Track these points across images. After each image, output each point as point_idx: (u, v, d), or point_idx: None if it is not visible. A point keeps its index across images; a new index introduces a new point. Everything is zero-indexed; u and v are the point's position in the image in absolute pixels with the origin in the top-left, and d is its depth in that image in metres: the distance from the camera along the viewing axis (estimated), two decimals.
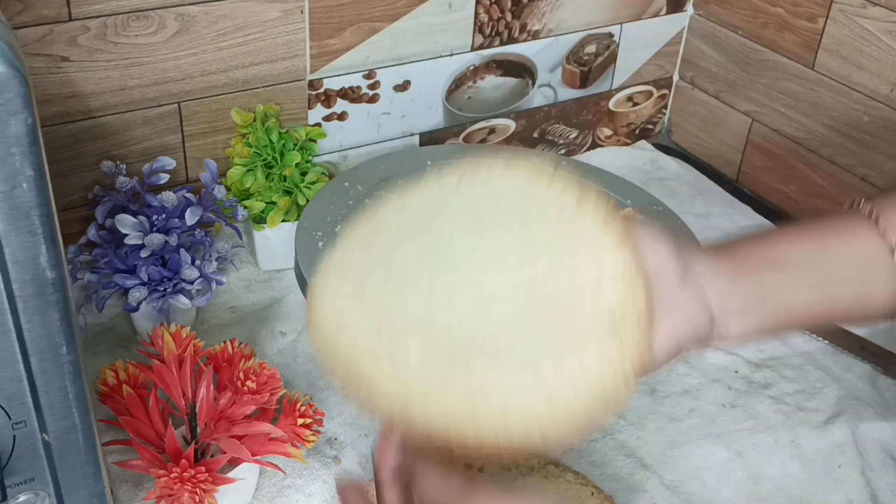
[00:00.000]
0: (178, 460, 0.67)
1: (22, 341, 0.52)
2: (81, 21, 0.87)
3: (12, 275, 0.50)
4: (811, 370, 0.91)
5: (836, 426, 0.84)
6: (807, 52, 1.10)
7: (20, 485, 0.58)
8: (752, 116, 1.20)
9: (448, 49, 1.09)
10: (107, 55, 0.90)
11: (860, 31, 1.04)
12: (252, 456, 0.68)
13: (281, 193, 0.94)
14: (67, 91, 0.90)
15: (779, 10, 1.12)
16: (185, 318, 0.88)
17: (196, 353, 0.74)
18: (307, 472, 0.76)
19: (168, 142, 0.98)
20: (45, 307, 0.52)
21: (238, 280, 0.98)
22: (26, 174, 0.48)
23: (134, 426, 0.71)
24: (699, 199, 1.19)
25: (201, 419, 0.70)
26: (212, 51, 0.95)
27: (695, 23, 1.24)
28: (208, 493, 0.66)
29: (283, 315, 0.93)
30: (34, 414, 0.56)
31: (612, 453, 0.80)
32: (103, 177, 0.90)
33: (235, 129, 0.98)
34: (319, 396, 0.84)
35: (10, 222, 0.48)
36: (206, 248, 0.88)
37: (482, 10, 1.08)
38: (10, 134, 0.46)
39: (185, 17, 0.92)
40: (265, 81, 1.00)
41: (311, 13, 0.98)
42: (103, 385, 0.74)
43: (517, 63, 1.15)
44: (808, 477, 0.80)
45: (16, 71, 0.45)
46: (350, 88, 1.05)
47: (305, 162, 0.97)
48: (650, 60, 1.26)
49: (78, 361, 0.55)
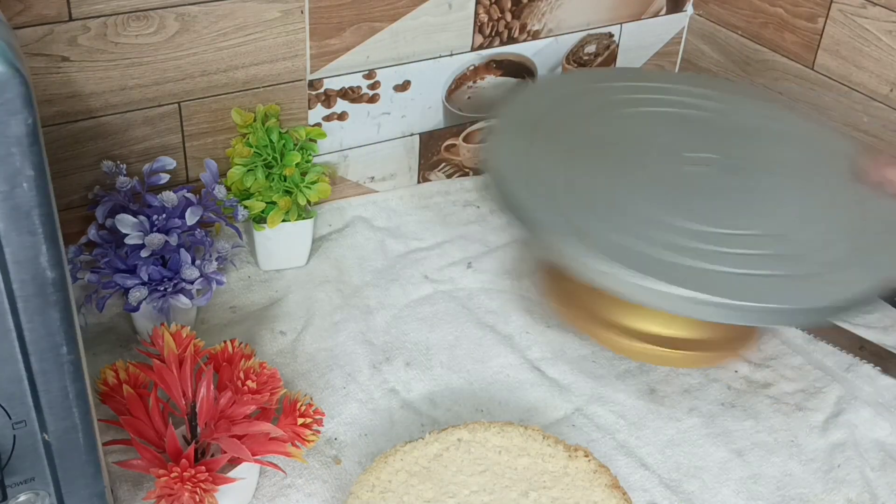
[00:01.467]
0: (178, 460, 0.67)
1: (22, 341, 0.53)
2: (81, 21, 0.87)
3: (12, 275, 0.50)
4: (811, 370, 0.91)
5: (836, 426, 0.84)
6: (806, 51, 1.10)
7: (20, 484, 0.58)
8: None
9: (448, 49, 1.09)
10: (107, 55, 0.90)
11: (860, 31, 1.04)
12: (252, 456, 0.68)
13: (281, 193, 0.95)
14: (67, 91, 0.90)
15: (778, 10, 1.12)
16: (186, 317, 0.88)
17: (196, 353, 0.74)
18: (307, 471, 0.76)
19: (168, 142, 0.98)
20: (46, 307, 0.52)
21: (238, 280, 0.98)
22: (27, 174, 0.48)
23: (134, 426, 0.71)
24: None
25: (201, 419, 0.71)
26: (212, 51, 0.95)
27: (694, 23, 1.25)
28: (208, 492, 0.66)
29: (283, 315, 0.93)
30: (34, 414, 0.56)
31: (612, 453, 0.80)
32: (103, 177, 0.90)
33: (235, 129, 0.98)
34: (319, 396, 0.84)
35: (10, 222, 0.49)
36: (206, 248, 0.88)
37: (482, 10, 1.08)
38: (10, 134, 0.46)
39: (185, 17, 0.92)
40: (265, 81, 1.00)
41: (311, 13, 0.98)
42: (103, 385, 0.74)
43: (517, 63, 1.15)
44: (807, 477, 0.80)
45: (16, 71, 0.45)
46: (350, 88, 1.05)
47: (305, 162, 0.97)
48: (650, 60, 1.26)
49: (78, 361, 0.55)
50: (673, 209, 0.81)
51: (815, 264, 0.77)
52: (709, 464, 0.80)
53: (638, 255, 0.74)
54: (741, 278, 0.74)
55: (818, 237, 0.80)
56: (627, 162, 0.87)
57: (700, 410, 0.86)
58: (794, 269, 0.77)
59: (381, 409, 0.83)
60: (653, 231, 0.77)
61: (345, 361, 0.88)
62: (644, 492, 0.77)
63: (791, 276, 0.76)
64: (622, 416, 0.84)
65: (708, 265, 0.75)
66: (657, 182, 0.85)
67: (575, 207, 0.79)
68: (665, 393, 0.87)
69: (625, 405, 0.86)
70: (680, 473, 0.79)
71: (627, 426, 0.84)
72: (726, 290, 0.73)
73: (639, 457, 0.80)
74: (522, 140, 0.87)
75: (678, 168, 0.87)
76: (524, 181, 0.81)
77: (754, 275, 0.75)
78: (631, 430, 0.83)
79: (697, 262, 0.75)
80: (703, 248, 0.76)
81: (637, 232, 0.77)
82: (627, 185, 0.84)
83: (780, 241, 0.80)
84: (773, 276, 0.75)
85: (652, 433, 0.83)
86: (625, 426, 0.83)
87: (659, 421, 0.84)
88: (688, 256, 0.75)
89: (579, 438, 0.82)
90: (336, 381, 0.86)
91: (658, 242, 0.76)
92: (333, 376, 0.86)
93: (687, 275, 0.73)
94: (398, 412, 0.83)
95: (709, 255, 0.76)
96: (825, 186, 0.88)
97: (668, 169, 0.87)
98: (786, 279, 0.75)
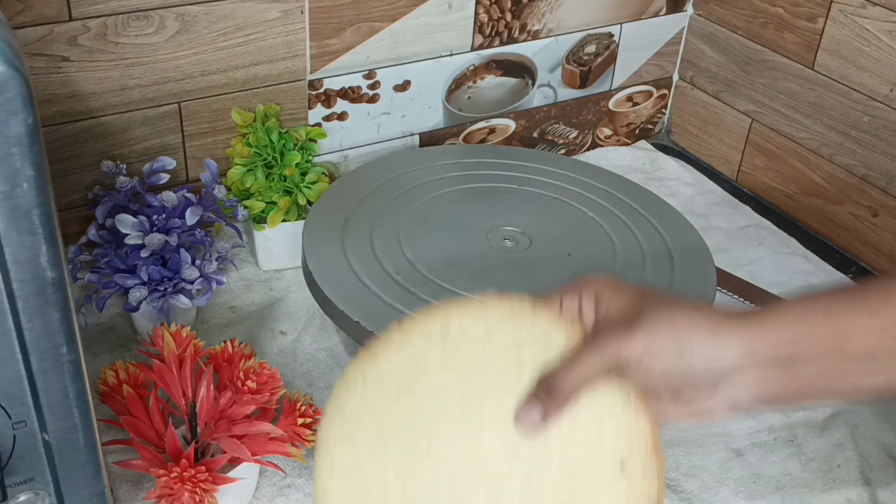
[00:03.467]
0: (178, 460, 0.67)
1: (22, 341, 0.53)
2: (81, 21, 0.87)
3: (12, 275, 0.50)
4: None
5: (836, 426, 0.84)
6: (806, 51, 1.10)
7: (20, 484, 0.58)
8: (751, 116, 1.20)
9: (448, 49, 1.09)
10: (107, 55, 0.90)
11: (860, 31, 1.04)
12: (252, 455, 0.68)
13: (281, 193, 0.94)
14: (67, 91, 0.90)
15: (779, 10, 1.12)
16: (186, 317, 0.88)
17: (196, 353, 0.74)
18: (307, 471, 0.76)
19: (168, 142, 0.98)
20: (46, 307, 0.52)
21: (238, 280, 0.98)
22: (26, 174, 0.48)
23: (134, 426, 0.71)
24: (699, 199, 1.19)
25: (201, 419, 0.71)
26: (212, 51, 0.95)
27: (695, 23, 1.25)
28: (208, 492, 0.66)
29: (283, 315, 0.93)
30: (34, 414, 0.56)
31: None
32: (103, 177, 0.90)
33: (235, 129, 0.98)
34: (319, 396, 0.84)
35: (10, 222, 0.49)
36: (206, 248, 0.88)
37: (482, 10, 1.08)
38: (10, 134, 0.46)
39: (185, 17, 0.92)
40: (265, 81, 1.00)
41: (311, 13, 0.98)
42: (103, 385, 0.74)
43: (517, 63, 1.15)
44: (807, 476, 0.80)
45: (16, 71, 0.45)
46: (350, 88, 1.05)
47: (305, 162, 0.97)
48: (650, 60, 1.26)
49: (78, 361, 0.55)
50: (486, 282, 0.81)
51: None
52: (708, 463, 0.80)
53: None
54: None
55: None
56: (434, 238, 0.88)
57: None
58: None
59: None
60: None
61: (345, 361, 0.88)
62: None
63: None
64: None
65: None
66: (471, 257, 0.86)
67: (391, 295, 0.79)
68: None
69: None
70: (680, 473, 0.79)
71: None
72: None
73: None
74: (335, 237, 0.87)
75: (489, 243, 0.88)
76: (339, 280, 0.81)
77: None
78: None
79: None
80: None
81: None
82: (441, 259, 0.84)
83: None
84: None
85: None
86: None
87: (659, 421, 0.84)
88: None
89: None
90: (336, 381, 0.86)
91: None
92: (333, 376, 0.86)
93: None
94: None
95: None
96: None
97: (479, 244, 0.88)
98: None
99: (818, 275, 1.05)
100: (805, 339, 0.53)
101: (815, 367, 0.53)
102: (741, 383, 0.53)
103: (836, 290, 0.56)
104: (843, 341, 0.53)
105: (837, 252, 1.10)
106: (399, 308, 0.77)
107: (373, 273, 0.81)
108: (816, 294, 0.55)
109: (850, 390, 0.55)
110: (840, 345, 0.53)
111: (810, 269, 1.06)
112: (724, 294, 1.00)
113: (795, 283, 1.03)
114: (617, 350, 0.53)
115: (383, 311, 0.77)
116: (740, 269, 1.04)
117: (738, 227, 1.13)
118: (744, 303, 0.99)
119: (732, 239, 1.10)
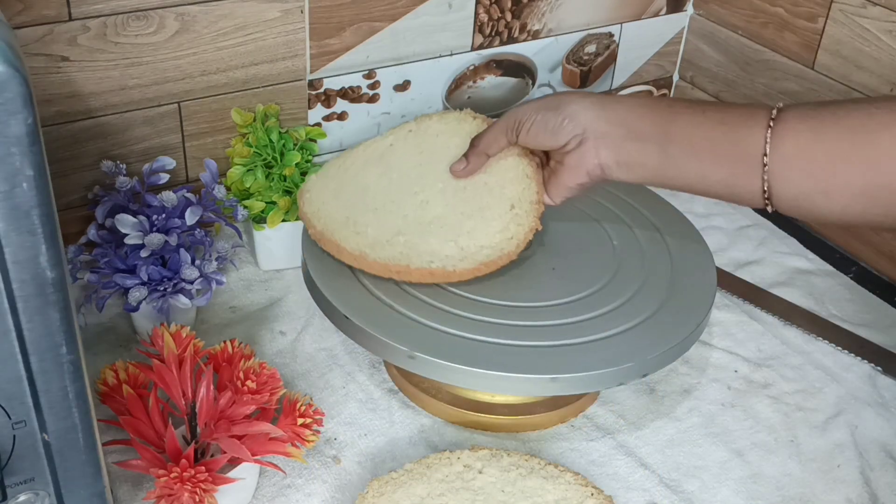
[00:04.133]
0: (178, 460, 0.67)
1: (22, 341, 0.52)
2: (81, 21, 0.87)
3: (12, 275, 0.50)
4: (811, 370, 0.91)
5: (836, 426, 0.84)
6: (807, 51, 1.10)
7: (20, 484, 0.58)
8: None
9: (448, 49, 1.09)
10: (107, 55, 0.90)
11: (860, 31, 1.04)
12: (252, 456, 0.68)
13: (281, 193, 0.94)
14: (67, 91, 0.90)
15: (779, 10, 1.12)
16: (185, 317, 0.88)
17: (196, 353, 0.74)
18: (307, 472, 0.76)
19: (168, 142, 0.98)
20: (45, 307, 0.52)
21: (238, 280, 0.98)
22: (26, 174, 0.48)
23: (134, 426, 0.71)
24: (699, 199, 1.19)
25: (201, 419, 0.71)
26: (212, 51, 0.95)
27: (695, 22, 1.25)
28: (208, 492, 0.66)
29: (283, 315, 0.93)
30: (34, 414, 0.56)
31: (612, 453, 0.80)
32: (103, 176, 0.90)
33: (235, 129, 0.98)
34: (319, 396, 0.84)
35: (10, 222, 0.49)
36: (206, 248, 0.88)
37: (482, 10, 1.08)
38: (10, 134, 0.46)
39: (185, 16, 0.92)
40: (265, 81, 1.00)
41: (311, 13, 0.98)
42: (103, 385, 0.74)
43: (517, 63, 1.15)
44: (807, 476, 0.80)
45: (16, 71, 0.45)
46: (350, 88, 1.05)
47: (305, 162, 0.97)
48: (650, 60, 1.26)
49: (78, 361, 0.55)
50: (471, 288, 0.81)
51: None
52: (708, 463, 0.80)
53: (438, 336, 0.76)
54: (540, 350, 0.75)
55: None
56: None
57: (700, 410, 0.86)
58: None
59: (380, 409, 0.83)
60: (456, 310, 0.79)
61: (344, 361, 0.88)
62: (644, 491, 0.77)
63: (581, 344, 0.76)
64: (622, 415, 0.84)
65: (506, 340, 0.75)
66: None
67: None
68: (665, 393, 0.87)
69: (625, 405, 0.86)
70: (680, 473, 0.79)
71: (627, 426, 0.84)
72: (526, 365, 0.73)
73: (639, 457, 0.80)
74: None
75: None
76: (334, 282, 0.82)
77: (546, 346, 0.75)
78: (631, 429, 0.83)
79: (492, 338, 0.75)
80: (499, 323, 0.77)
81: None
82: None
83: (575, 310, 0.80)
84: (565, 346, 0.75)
85: (652, 433, 0.83)
86: (625, 426, 0.83)
87: (659, 421, 0.84)
88: (488, 334, 0.75)
89: (579, 439, 0.82)
90: (336, 381, 0.86)
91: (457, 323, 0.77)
92: (333, 376, 0.86)
93: (490, 353, 0.74)
94: (398, 412, 0.83)
95: (503, 330, 0.76)
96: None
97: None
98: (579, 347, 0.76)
99: (818, 275, 1.05)
100: (642, 117, 0.71)
101: (654, 146, 0.71)
102: (603, 146, 0.72)
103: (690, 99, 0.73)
104: (669, 125, 0.70)
105: (837, 252, 1.10)
106: (398, 308, 0.77)
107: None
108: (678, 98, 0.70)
109: (695, 179, 0.71)
110: (667, 129, 0.70)
111: (810, 268, 1.06)
112: (724, 294, 1.00)
113: (795, 283, 1.03)
114: (514, 114, 0.76)
115: (382, 312, 0.77)
116: (740, 269, 1.04)
117: (738, 227, 1.13)
118: (744, 303, 0.99)
119: (732, 239, 1.10)
